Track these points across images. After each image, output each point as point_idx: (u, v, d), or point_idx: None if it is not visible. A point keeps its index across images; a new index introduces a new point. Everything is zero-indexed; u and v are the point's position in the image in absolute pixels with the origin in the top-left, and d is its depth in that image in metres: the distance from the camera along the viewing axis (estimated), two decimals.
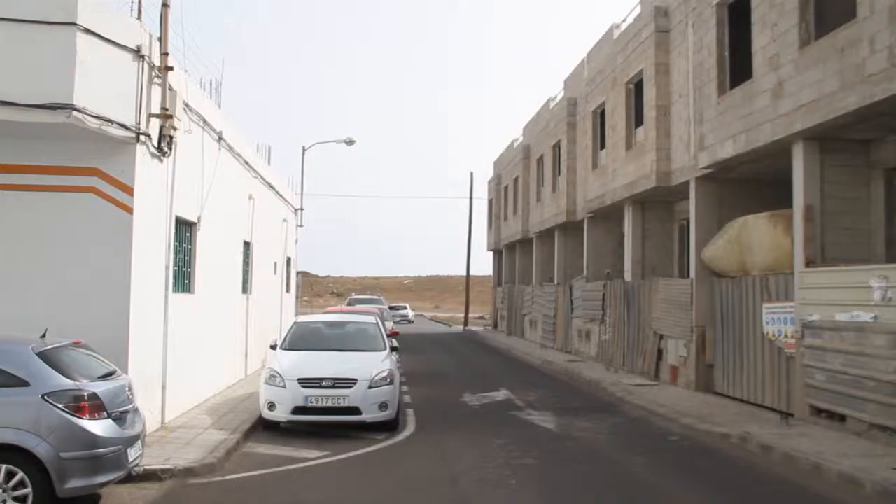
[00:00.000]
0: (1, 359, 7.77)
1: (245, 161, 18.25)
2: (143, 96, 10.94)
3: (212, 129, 14.76)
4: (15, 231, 10.60)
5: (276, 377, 12.51)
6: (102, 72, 10.12)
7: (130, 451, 8.22)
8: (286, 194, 26.54)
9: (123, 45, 10.53)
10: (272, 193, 23.09)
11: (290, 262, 28.27)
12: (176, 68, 11.79)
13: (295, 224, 29.67)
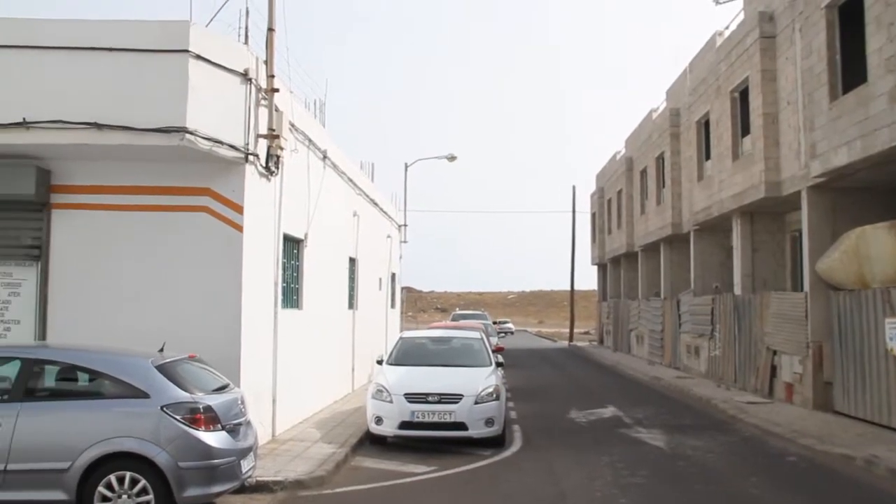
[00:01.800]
0: (123, 371, 8.12)
1: (349, 179, 18.57)
2: (251, 118, 11.27)
3: (317, 147, 15.09)
4: (134, 250, 11.06)
5: (382, 392, 12.62)
6: (212, 95, 10.49)
7: (244, 462, 8.42)
8: (390, 211, 26.88)
9: (232, 70, 10.89)
10: (376, 210, 23.41)
11: (394, 277, 28.57)
12: (282, 90, 12.10)
13: (399, 240, 30.00)
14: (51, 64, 10.27)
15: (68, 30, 10.35)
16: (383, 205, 25.05)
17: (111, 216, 11.12)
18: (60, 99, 10.16)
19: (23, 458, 7.73)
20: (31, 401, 8.04)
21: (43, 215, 11.15)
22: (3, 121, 10.19)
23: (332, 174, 16.58)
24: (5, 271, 11.26)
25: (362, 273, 20.87)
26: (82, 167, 11.12)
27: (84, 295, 11.05)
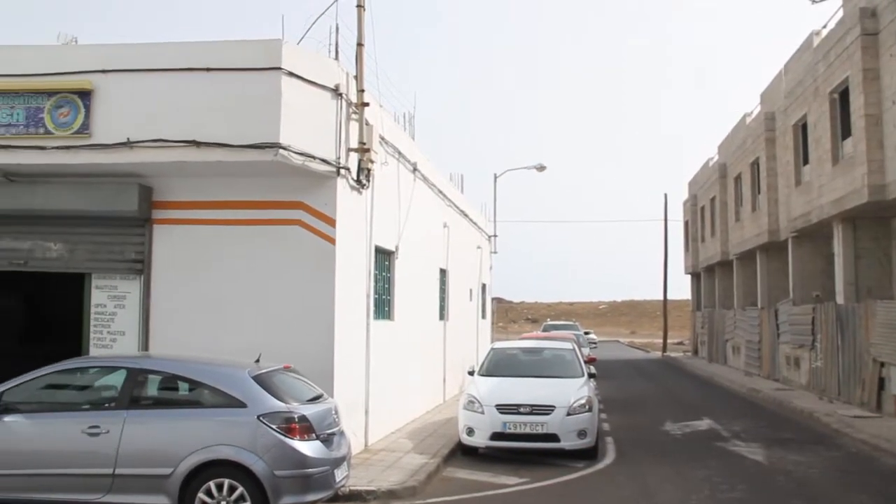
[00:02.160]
0: (222, 382, 8.35)
1: (439, 190, 18.69)
2: (342, 132, 11.46)
3: (407, 160, 15.24)
4: (230, 263, 11.37)
5: (474, 403, 12.62)
6: (305, 111, 10.72)
7: (337, 471, 8.53)
8: (479, 221, 26.92)
9: (323, 85, 11.10)
10: (466, 221, 23.49)
11: (484, 288, 28.58)
12: (372, 104, 12.27)
13: (489, 251, 30.00)
14: (152, 85, 10.69)
15: (168, 52, 10.75)
16: (473, 216, 25.11)
17: (208, 230, 11.47)
18: (161, 118, 10.57)
19: (129, 463, 8.03)
20: (135, 409, 8.34)
21: (145, 230, 11.58)
22: (108, 141, 10.66)
23: (422, 186, 16.72)
24: (111, 284, 11.73)
25: (453, 284, 20.95)
26: (181, 183, 11.52)
27: (183, 307, 11.41)
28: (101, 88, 10.78)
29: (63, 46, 11.68)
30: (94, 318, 11.78)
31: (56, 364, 8.96)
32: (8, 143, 10.92)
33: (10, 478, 8.22)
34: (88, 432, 8.13)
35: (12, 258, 11.96)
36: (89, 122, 10.74)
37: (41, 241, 11.85)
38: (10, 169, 11.24)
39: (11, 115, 10.94)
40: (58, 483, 8.15)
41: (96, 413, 8.41)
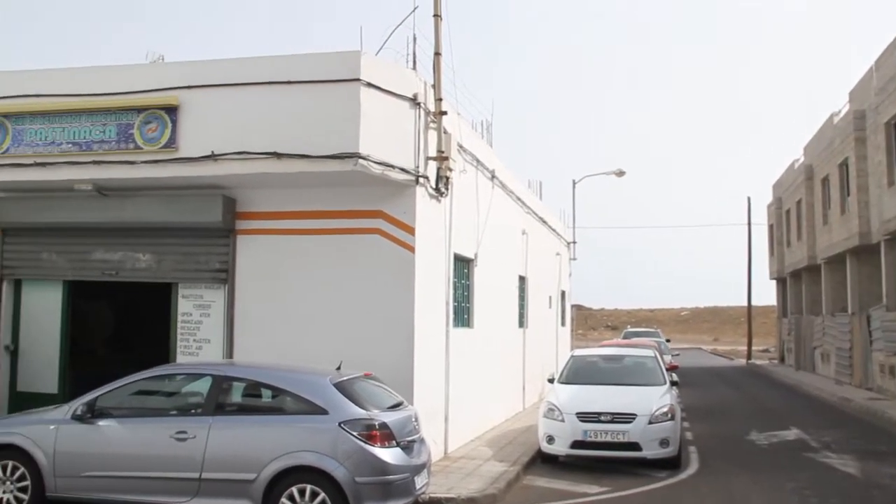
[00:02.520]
0: (304, 389, 8.49)
1: (517, 197, 18.65)
2: (421, 141, 11.54)
3: (485, 168, 15.25)
4: (311, 272, 11.55)
5: (554, 411, 12.54)
6: (383, 121, 10.83)
7: (417, 478, 8.58)
8: (558, 228, 26.77)
9: (401, 95, 11.20)
10: (545, 228, 23.38)
11: (564, 295, 28.39)
12: (450, 112, 12.32)
13: (568, 257, 29.80)
14: (235, 99, 10.96)
15: (250, 67, 11.00)
16: (552, 222, 24.99)
17: (290, 240, 11.68)
18: (244, 131, 10.82)
19: (215, 467, 8.23)
20: (220, 415, 8.55)
21: (229, 241, 11.86)
22: (194, 154, 10.97)
23: (501, 193, 16.71)
24: (197, 293, 12.06)
25: (532, 291, 20.87)
26: (263, 194, 11.76)
27: (266, 315, 11.64)
28: (187, 104, 11.11)
29: (151, 65, 12.09)
30: (181, 326, 12.12)
31: (145, 371, 9.27)
32: (101, 158, 11.36)
33: (104, 479, 8.53)
34: (176, 437, 8.37)
35: (104, 269, 12.40)
36: (176, 136, 11.08)
37: (131, 253, 12.27)
38: (102, 183, 11.67)
39: (104, 131, 11.37)
40: (148, 486, 8.42)
41: (183, 419, 8.65)
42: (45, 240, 12.72)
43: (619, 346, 19.25)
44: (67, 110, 11.52)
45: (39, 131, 11.66)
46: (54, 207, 12.25)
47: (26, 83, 11.89)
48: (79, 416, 8.78)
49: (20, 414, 9.97)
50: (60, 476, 8.65)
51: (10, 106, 11.79)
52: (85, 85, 11.59)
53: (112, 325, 17.07)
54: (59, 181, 11.70)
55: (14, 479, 8.79)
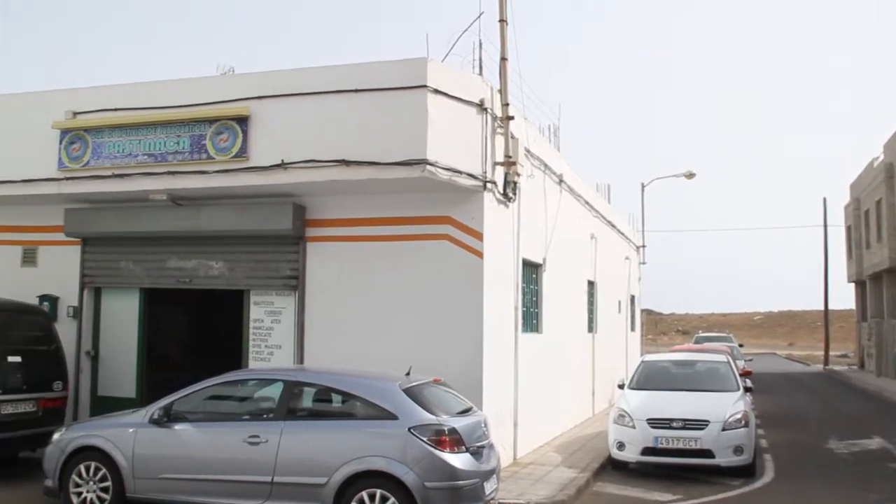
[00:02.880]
0: (373, 394, 8.56)
1: (585, 201, 18.52)
2: (488, 146, 11.55)
3: (552, 172, 15.19)
4: (379, 278, 11.64)
5: (624, 417, 12.40)
6: (450, 127, 10.87)
7: (487, 484, 8.56)
8: (627, 232, 26.48)
9: (468, 101, 11.23)
10: (613, 232, 23.16)
11: (633, 300, 28.06)
12: (516, 117, 12.30)
13: (637, 261, 29.46)
14: (304, 108, 11.13)
15: (318, 76, 11.16)
16: (621, 226, 24.73)
17: (359, 246, 11.80)
18: (312, 140, 10.98)
19: (286, 471, 8.34)
20: (292, 419, 8.67)
21: (299, 248, 12.04)
22: (264, 163, 11.17)
23: (569, 197, 16.61)
24: (268, 300, 12.26)
25: (601, 296, 20.69)
26: (332, 202, 11.91)
27: (336, 321, 11.77)
28: (257, 114, 11.33)
29: (222, 77, 12.38)
30: (253, 332, 12.34)
31: (218, 376, 9.46)
32: (175, 169, 11.65)
33: (180, 481, 8.73)
34: (249, 441, 8.51)
35: (179, 276, 12.70)
36: (247, 146, 11.30)
37: (204, 260, 12.54)
38: (176, 193, 11.96)
39: (178, 142, 11.67)
40: (221, 489, 8.58)
41: (256, 423, 8.80)
42: (122, 249, 13.10)
43: (690, 352, 18.93)
44: (143, 123, 11.87)
45: (117, 144, 12.03)
46: (131, 217, 12.61)
47: (105, 98, 12.29)
48: (156, 419, 9.01)
49: (101, 417, 10.28)
50: (139, 477, 8.89)
51: (90, 120, 12.20)
52: (160, 98, 11.92)
53: (186, 331, 17.46)
54: (136, 192, 12.05)
55: (97, 480, 9.06)
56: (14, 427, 10.80)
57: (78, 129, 12.27)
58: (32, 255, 13.76)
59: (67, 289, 13.41)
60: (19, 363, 11.02)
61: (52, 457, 9.33)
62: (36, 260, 13.74)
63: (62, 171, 12.35)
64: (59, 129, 12.36)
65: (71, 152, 12.29)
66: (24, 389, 10.98)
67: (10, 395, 10.75)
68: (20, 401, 10.91)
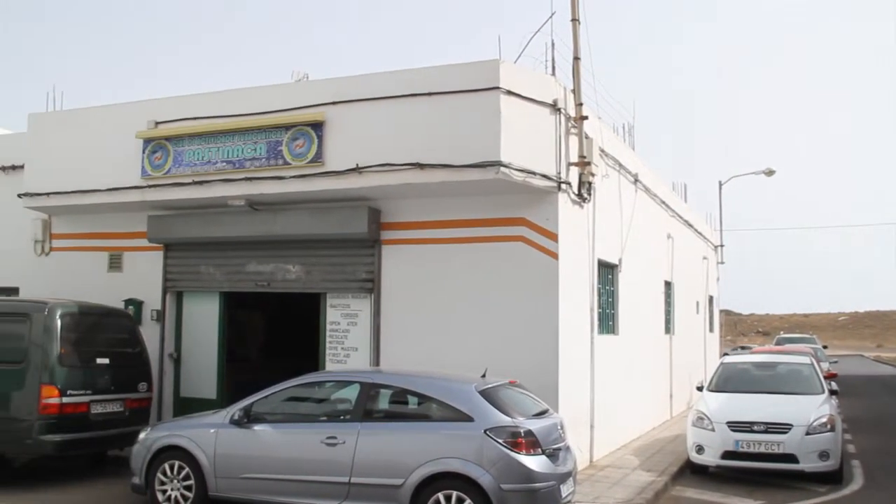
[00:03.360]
0: (449, 396, 8.58)
1: (661, 201, 18.25)
2: (562, 146, 11.48)
3: (627, 172, 15.01)
4: (454, 280, 11.66)
5: (703, 419, 12.17)
6: (524, 128, 10.84)
7: (563, 487, 8.50)
8: (704, 231, 26.02)
9: (541, 101, 11.18)
10: (690, 231, 22.78)
11: (711, 300, 27.55)
12: (590, 117, 12.20)
13: (715, 261, 28.92)
14: (377, 113, 11.25)
15: (391, 81, 11.25)
16: (698, 225, 24.30)
17: (433, 249, 11.84)
18: (386, 143, 11.09)
19: (363, 472, 8.43)
20: (368, 421, 8.74)
21: (374, 251, 12.14)
22: (339, 168, 11.32)
23: (644, 197, 16.40)
24: (344, 303, 12.40)
25: (678, 296, 20.36)
26: (407, 205, 11.97)
27: (411, 323, 11.83)
28: (332, 119, 11.48)
29: (297, 83, 12.58)
30: (330, 334, 12.49)
31: (296, 378, 9.60)
32: (252, 175, 11.90)
33: (260, 481, 8.90)
34: (326, 442, 8.62)
35: (257, 280, 12.94)
36: (322, 151, 11.46)
37: (282, 264, 12.74)
38: (254, 198, 12.20)
39: (255, 149, 11.91)
40: (300, 488, 8.71)
41: (333, 424, 8.91)
42: (203, 254, 13.41)
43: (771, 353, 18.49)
44: (222, 130, 12.15)
45: (197, 151, 12.34)
46: (211, 223, 12.90)
47: (184, 107, 12.64)
48: (236, 420, 9.20)
49: (184, 417, 10.55)
50: (220, 476, 9.09)
51: (171, 130, 12.56)
52: (237, 106, 12.19)
53: (264, 333, 17.77)
54: (215, 198, 12.34)
55: (180, 478, 9.30)
56: (103, 426, 11.17)
57: (159, 138, 12.64)
58: (118, 260, 14.21)
59: (151, 293, 13.80)
60: (107, 365, 11.37)
61: (139, 455, 9.63)
62: (121, 265, 14.18)
63: (145, 179, 12.74)
64: (142, 138, 12.75)
65: (153, 161, 12.67)
66: (111, 390, 11.33)
67: (98, 395, 11.11)
68: (108, 401, 11.26)
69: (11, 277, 15.14)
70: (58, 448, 10.62)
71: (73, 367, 10.86)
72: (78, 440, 10.83)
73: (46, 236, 14.84)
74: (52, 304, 11.12)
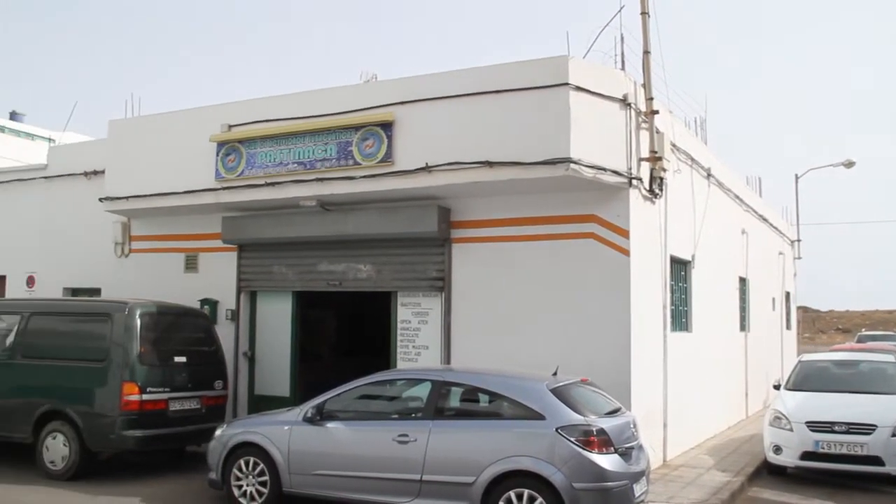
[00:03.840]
0: (521, 394, 8.55)
1: (735, 195, 17.90)
2: (632, 142, 11.34)
3: (700, 166, 14.76)
4: (524, 278, 11.62)
5: (781, 419, 11.88)
6: (593, 124, 10.74)
7: (636, 486, 8.39)
8: (780, 226, 25.41)
9: (610, 97, 11.07)
10: (765, 226, 22.27)
11: (788, 296, 26.90)
12: (661, 111, 12.03)
13: (792, 256, 28.22)
14: (446, 112, 11.28)
15: (459, 79, 11.27)
16: (773, 220, 23.74)
17: (503, 247, 11.81)
18: (455, 142, 11.11)
19: (435, 470, 8.45)
20: (440, 419, 8.77)
21: (444, 249, 12.17)
22: (409, 167, 11.39)
23: (717, 192, 16.10)
24: (415, 301, 12.46)
25: (753, 293, 19.92)
26: (475, 203, 11.97)
27: (481, 321, 11.83)
28: (401, 118, 11.55)
29: (365, 84, 12.70)
30: (401, 333, 12.56)
31: (368, 376, 9.69)
32: (323, 175, 12.05)
33: (332, 478, 9.00)
34: (398, 440, 8.68)
35: (329, 279, 13.09)
36: (391, 150, 11.55)
37: (353, 264, 12.87)
38: (325, 199, 12.35)
39: (325, 150, 12.06)
40: (372, 485, 8.79)
41: (405, 422, 8.96)
42: (275, 254, 13.62)
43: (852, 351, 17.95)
44: (293, 132, 12.34)
45: (269, 153, 12.55)
46: (283, 224, 13.10)
47: (256, 110, 12.87)
48: (309, 418, 9.32)
49: (258, 415, 10.73)
50: (294, 473, 9.23)
51: (244, 132, 12.81)
52: (307, 108, 12.36)
53: (336, 332, 17.98)
54: (287, 199, 12.54)
55: (255, 474, 9.46)
56: (181, 423, 11.44)
57: (232, 140, 12.90)
58: (194, 261, 14.54)
59: (226, 293, 14.09)
60: (184, 363, 11.63)
61: (215, 451, 9.83)
62: (197, 266, 14.51)
63: (219, 182, 13.01)
64: (216, 141, 13.03)
65: (227, 163, 12.94)
66: (188, 388, 11.59)
67: (176, 392, 11.37)
68: (186, 398, 11.52)
69: (94, 279, 15.65)
70: (139, 443, 10.93)
71: (153, 365, 11.15)
72: (157, 436, 11.13)
73: (126, 239, 15.28)
74: (132, 304, 11.43)
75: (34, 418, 11.21)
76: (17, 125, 38.76)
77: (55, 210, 16.57)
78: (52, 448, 11.07)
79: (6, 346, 11.92)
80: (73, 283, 16.12)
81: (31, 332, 11.79)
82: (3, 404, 11.59)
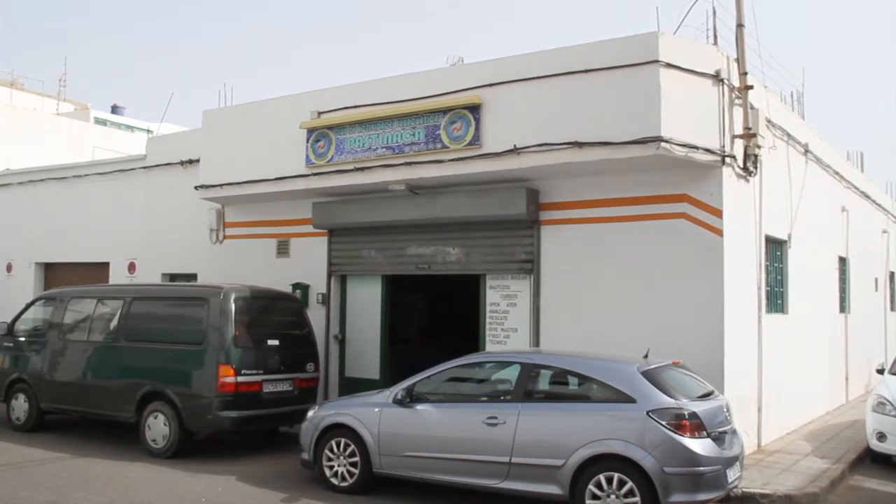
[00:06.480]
0: (611, 377, 8.46)
1: (835, 171, 17.26)
2: (725, 119, 11.04)
3: (796, 142, 14.27)
4: (615, 259, 11.47)
5: (885, 405, 11.43)
6: (684, 101, 10.50)
7: (729, 471, 8.23)
8: (885, 203, 24.40)
9: (702, 73, 10.79)
10: (868, 203, 21.42)
11: (893, 277, 25.84)
12: (756, 86, 11.67)
13: None
14: (533, 93, 11.19)
15: (546, 59, 11.16)
16: (876, 197, 22.81)
17: (592, 228, 11.67)
18: (543, 123, 11.02)
19: (524, 452, 8.45)
20: (529, 402, 8.75)
21: (533, 232, 12.10)
22: (497, 150, 11.36)
23: (815, 168, 15.55)
24: (503, 284, 12.44)
25: (854, 273, 19.21)
26: (565, 184, 11.85)
27: (570, 303, 11.74)
28: (489, 101, 11.52)
29: (452, 67, 12.70)
30: (489, 316, 12.56)
31: (457, 359, 9.72)
32: (412, 159, 12.12)
33: (422, 459, 9.10)
34: (487, 422, 8.70)
35: (418, 263, 13.18)
36: (479, 133, 11.53)
37: (442, 247, 12.92)
38: (414, 183, 12.42)
39: (414, 134, 12.12)
40: (461, 467, 8.84)
41: (493, 405, 8.96)
42: (365, 238, 13.79)
43: None
44: (381, 117, 12.44)
45: (358, 139, 12.69)
46: (372, 208, 13.24)
47: (345, 97, 13.03)
48: (399, 400, 9.43)
49: (349, 397, 10.91)
50: (384, 454, 9.36)
51: (333, 119, 12.98)
52: (395, 92, 12.44)
53: (425, 315, 18.11)
54: (376, 183, 12.66)
55: (346, 455, 9.65)
56: (274, 404, 11.73)
57: (322, 127, 13.09)
58: (285, 246, 14.84)
59: (316, 277, 14.34)
60: (277, 346, 11.90)
61: (307, 432, 10.05)
62: (289, 251, 14.80)
63: (309, 168, 13.23)
64: (306, 128, 13.25)
65: (317, 149, 13.14)
66: (281, 370, 11.86)
67: (270, 375, 11.65)
68: (279, 380, 11.79)
69: (190, 264, 16.16)
70: (234, 423, 11.25)
71: (247, 347, 11.44)
72: (252, 417, 11.44)
73: (220, 225, 15.71)
74: (227, 288, 11.75)
75: (137, 398, 11.68)
76: (119, 118, 40.22)
77: (154, 199, 17.16)
78: (153, 427, 11.51)
79: (110, 330, 12.46)
80: (170, 269, 16.67)
81: (133, 316, 12.27)
82: (108, 385, 12.11)
